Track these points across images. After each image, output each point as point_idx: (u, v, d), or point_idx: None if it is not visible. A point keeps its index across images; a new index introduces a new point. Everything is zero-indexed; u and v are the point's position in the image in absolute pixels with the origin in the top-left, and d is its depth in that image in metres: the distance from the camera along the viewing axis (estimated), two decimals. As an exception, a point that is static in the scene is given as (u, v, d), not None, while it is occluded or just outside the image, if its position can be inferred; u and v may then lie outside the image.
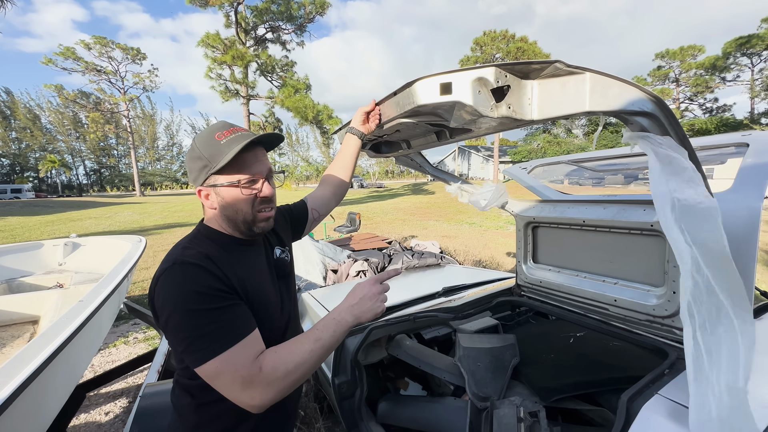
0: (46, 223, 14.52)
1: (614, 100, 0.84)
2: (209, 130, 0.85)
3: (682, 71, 34.51)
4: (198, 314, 0.73)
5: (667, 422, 0.82)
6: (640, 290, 1.42)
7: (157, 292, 0.76)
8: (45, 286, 3.00)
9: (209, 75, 19.68)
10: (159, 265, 0.80)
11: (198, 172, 0.84)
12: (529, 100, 0.86)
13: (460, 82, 0.83)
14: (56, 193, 49.60)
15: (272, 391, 0.73)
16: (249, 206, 0.86)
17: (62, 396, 1.63)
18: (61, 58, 29.88)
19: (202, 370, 0.72)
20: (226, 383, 0.72)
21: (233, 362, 0.72)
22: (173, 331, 0.74)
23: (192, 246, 0.83)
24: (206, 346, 0.72)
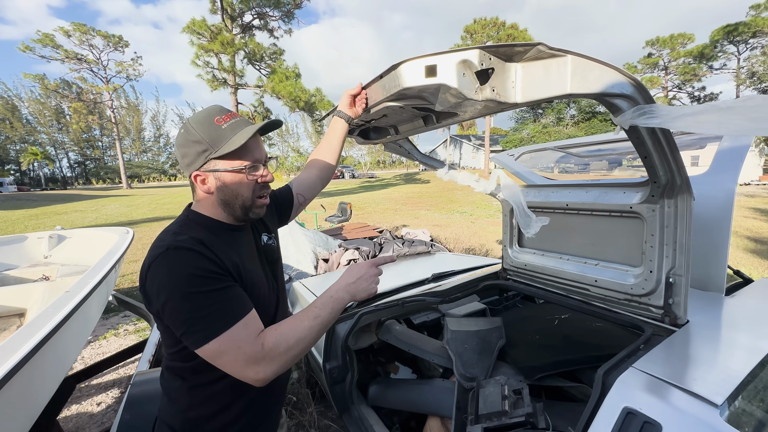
0: (30, 217, 14.19)
1: (595, 83, 0.85)
2: (205, 114, 0.84)
3: (672, 59, 34.76)
4: (196, 296, 0.73)
5: (639, 392, 0.86)
6: (619, 270, 1.47)
7: (150, 278, 0.76)
8: (30, 279, 2.96)
9: (196, 63, 19.17)
10: (149, 252, 0.79)
11: (195, 156, 0.83)
12: (513, 83, 0.87)
13: (445, 65, 0.84)
14: (40, 187, 48.38)
15: (275, 365, 0.76)
16: (250, 192, 0.87)
17: (51, 386, 1.63)
18: (39, 46, 28.77)
19: (205, 350, 0.73)
20: (230, 361, 0.74)
21: (236, 340, 0.74)
22: (171, 315, 0.74)
23: (183, 231, 0.82)
24: (207, 326, 0.73)
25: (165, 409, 0.91)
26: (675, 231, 1.20)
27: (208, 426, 0.87)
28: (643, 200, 1.28)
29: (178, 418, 0.87)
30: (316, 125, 23.57)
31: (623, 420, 0.82)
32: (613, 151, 2.04)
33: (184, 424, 0.86)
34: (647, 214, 1.27)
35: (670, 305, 1.26)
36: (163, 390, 0.92)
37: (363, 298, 0.89)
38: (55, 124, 52.71)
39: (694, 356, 1.03)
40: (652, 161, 1.08)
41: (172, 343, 0.83)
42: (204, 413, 0.86)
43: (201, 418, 0.86)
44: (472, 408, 1.37)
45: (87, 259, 2.87)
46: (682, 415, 0.78)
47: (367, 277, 0.90)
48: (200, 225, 0.87)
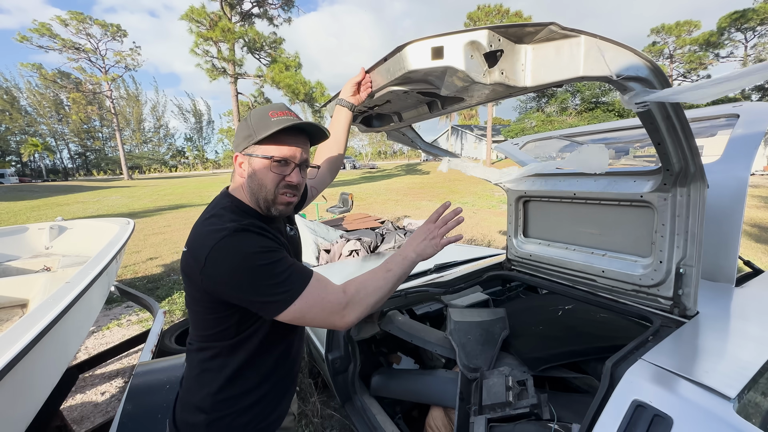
0: (32, 208, 14.21)
1: (610, 65, 0.80)
2: (267, 107, 0.90)
3: (677, 47, 34.17)
4: (270, 266, 0.78)
5: (649, 385, 0.84)
6: (627, 261, 1.44)
7: (214, 261, 0.77)
8: (32, 269, 2.96)
9: (195, 51, 18.93)
10: (203, 236, 0.81)
11: (242, 139, 0.89)
12: (523, 66, 0.83)
13: (452, 46, 0.80)
14: (41, 178, 48.40)
15: (358, 309, 0.84)
16: (273, 185, 0.89)
17: (53, 376, 1.63)
18: (37, 35, 28.46)
19: (292, 310, 0.79)
20: (318, 312, 0.81)
21: (319, 292, 0.81)
22: (249, 290, 0.77)
23: (239, 218, 0.86)
24: (290, 287, 0.79)
25: (193, 392, 0.93)
26: (687, 220, 1.16)
27: (236, 406, 0.91)
28: (655, 189, 1.24)
29: (207, 400, 0.90)
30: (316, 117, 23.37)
31: (633, 413, 0.80)
32: (620, 139, 2.00)
33: (213, 405, 0.90)
34: (658, 203, 1.24)
35: (680, 296, 1.23)
36: (192, 374, 0.94)
37: (430, 255, 0.94)
38: (55, 115, 52.50)
39: (705, 348, 1.01)
40: (666, 148, 1.05)
41: (217, 322, 0.85)
42: (233, 394, 0.90)
43: (230, 399, 0.90)
44: (476, 399, 1.36)
45: (88, 250, 2.87)
46: (694, 409, 0.76)
47: (432, 237, 0.95)
48: (246, 213, 0.90)
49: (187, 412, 0.93)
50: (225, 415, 0.90)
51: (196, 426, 0.90)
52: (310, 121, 0.89)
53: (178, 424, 0.94)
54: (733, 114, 1.46)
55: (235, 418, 0.90)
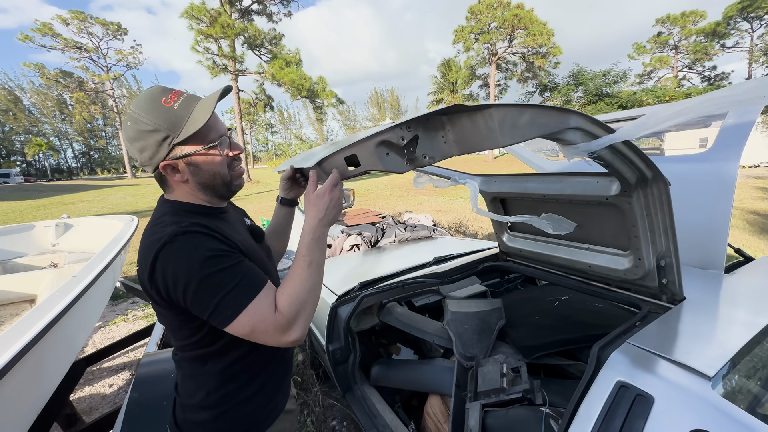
0: (38, 207, 14.37)
1: (529, 129, 0.78)
2: (148, 98, 0.77)
3: (682, 38, 33.74)
4: (217, 275, 0.72)
5: (632, 366, 0.87)
6: (611, 255, 1.47)
7: (161, 268, 0.72)
8: (39, 266, 3.02)
9: (196, 48, 18.95)
10: (146, 243, 0.76)
11: (156, 146, 0.77)
12: (444, 139, 0.81)
13: (364, 153, 0.82)
14: (46, 177, 48.78)
15: (300, 323, 0.76)
16: (225, 167, 0.85)
17: (61, 368, 1.68)
18: (39, 35, 28.56)
19: (235, 326, 0.73)
20: (261, 333, 0.74)
21: (261, 311, 0.74)
22: (195, 299, 0.72)
23: (181, 220, 0.79)
24: (233, 301, 0.72)
25: (192, 394, 0.90)
26: (656, 218, 1.18)
27: (238, 397, 0.90)
28: (617, 193, 1.25)
29: (210, 398, 0.88)
30: (317, 113, 23.35)
31: (616, 393, 0.84)
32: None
33: (217, 400, 0.88)
34: (624, 206, 1.25)
35: (665, 284, 1.26)
36: (187, 379, 0.91)
37: (337, 217, 0.90)
38: (59, 114, 52.75)
39: (689, 331, 1.03)
40: (615, 169, 1.05)
41: (191, 332, 0.82)
42: (234, 387, 0.89)
43: (232, 392, 0.89)
44: (471, 386, 1.40)
45: (93, 246, 2.92)
46: (674, 388, 0.79)
47: (334, 203, 0.89)
48: (191, 212, 0.84)
49: (191, 413, 0.91)
50: (230, 408, 0.89)
51: (203, 423, 0.89)
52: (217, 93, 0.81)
53: (181, 425, 0.92)
54: (726, 104, 1.47)
55: (240, 408, 0.90)
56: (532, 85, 31.43)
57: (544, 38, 25.70)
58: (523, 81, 30.69)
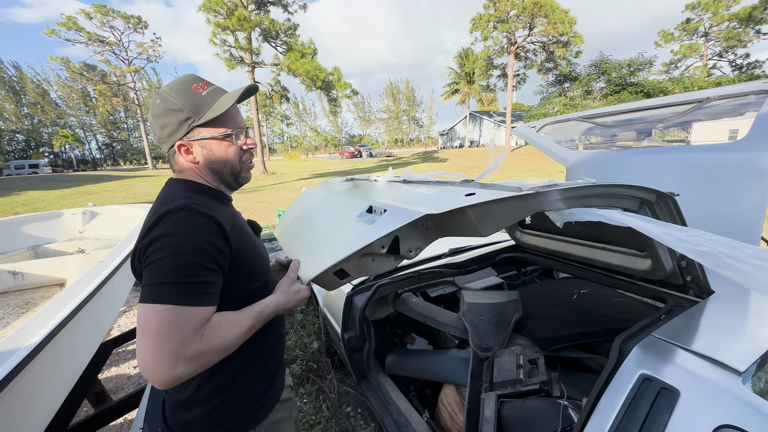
0: (65, 197, 14.94)
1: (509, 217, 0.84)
2: (182, 82, 0.83)
3: (713, 24, 32.04)
4: (189, 263, 0.69)
5: (657, 359, 0.85)
6: (628, 255, 1.43)
7: (155, 228, 0.71)
8: (68, 251, 3.15)
9: (213, 41, 19.14)
10: (152, 212, 0.76)
11: (177, 125, 0.81)
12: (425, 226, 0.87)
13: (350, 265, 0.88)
14: (72, 168, 50.58)
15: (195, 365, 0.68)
16: (237, 158, 0.88)
17: (90, 348, 1.76)
18: (64, 29, 29.35)
19: (150, 308, 0.66)
20: (161, 334, 0.65)
21: (187, 320, 0.67)
22: (153, 267, 0.69)
23: (193, 196, 0.79)
24: (175, 290, 0.67)
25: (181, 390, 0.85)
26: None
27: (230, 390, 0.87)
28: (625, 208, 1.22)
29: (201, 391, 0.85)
30: (332, 104, 23.34)
31: (639, 385, 0.82)
32: (643, 119, 1.93)
33: (209, 393, 0.85)
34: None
35: (689, 281, 1.22)
36: None
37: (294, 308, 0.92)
38: (83, 107, 54.42)
39: (718, 326, 1.00)
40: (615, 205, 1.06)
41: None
42: (225, 377, 0.86)
43: (223, 384, 0.86)
44: (487, 376, 1.39)
45: (117, 234, 3.02)
46: (702, 382, 0.77)
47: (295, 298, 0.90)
48: (202, 191, 0.84)
49: (181, 412, 0.87)
50: (222, 402, 0.86)
51: (195, 421, 0.85)
52: (243, 87, 0.85)
53: (172, 426, 0.88)
54: (763, 90, 1.39)
55: (233, 402, 0.87)
56: (552, 76, 30.54)
57: (565, 26, 24.84)
58: (542, 71, 29.83)
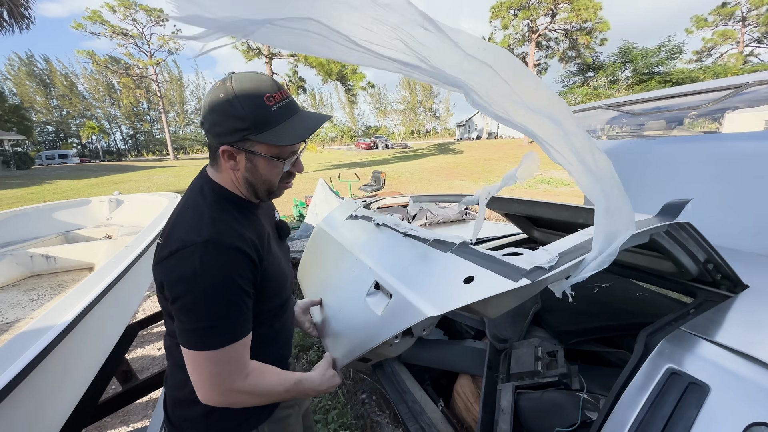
0: (92, 186, 15.54)
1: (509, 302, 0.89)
2: (255, 86, 0.73)
3: (752, 8, 30.16)
4: (221, 303, 0.70)
5: (686, 353, 0.82)
6: (652, 257, 1.38)
7: (175, 264, 0.70)
8: (95, 237, 3.28)
9: (231, 33, 19.33)
10: (176, 229, 0.74)
11: (232, 130, 0.73)
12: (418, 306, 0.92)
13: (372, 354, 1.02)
14: (98, 158, 52.44)
15: (238, 398, 0.76)
16: (278, 179, 0.83)
17: (117, 328, 1.84)
18: (90, 22, 30.18)
19: (196, 354, 0.71)
20: (211, 373, 0.72)
21: (230, 357, 0.73)
22: (184, 311, 0.70)
23: (220, 217, 0.76)
24: (214, 335, 0.71)
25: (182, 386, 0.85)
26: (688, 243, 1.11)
27: None
28: None
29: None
30: (348, 95, 23.29)
31: (666, 380, 0.79)
32: (674, 107, 1.85)
33: None
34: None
35: (719, 279, 1.17)
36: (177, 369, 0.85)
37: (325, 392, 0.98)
38: (108, 99, 56.17)
39: (752, 321, 0.95)
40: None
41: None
42: None
43: None
44: (504, 368, 1.38)
45: (142, 221, 3.12)
46: (734, 378, 0.74)
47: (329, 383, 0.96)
48: (229, 203, 0.81)
49: (181, 408, 0.87)
50: None
51: (194, 419, 0.85)
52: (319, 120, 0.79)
53: (174, 421, 0.88)
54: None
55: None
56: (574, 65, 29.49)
57: (589, 13, 23.88)
58: (565, 60, 28.85)
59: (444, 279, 0.96)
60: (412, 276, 1.06)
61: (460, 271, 0.92)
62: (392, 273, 1.13)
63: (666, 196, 1.84)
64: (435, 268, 1.05)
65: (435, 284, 0.97)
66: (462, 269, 0.92)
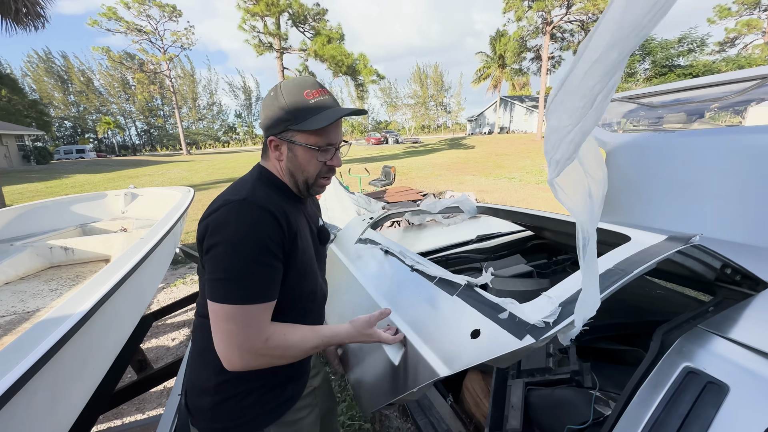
0: (108, 180, 15.90)
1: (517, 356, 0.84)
2: (298, 83, 0.84)
3: (779, -5, 28.85)
4: (248, 259, 0.74)
5: (704, 352, 0.80)
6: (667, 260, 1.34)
7: (215, 217, 0.76)
8: (111, 230, 3.35)
9: (243, 27, 19.41)
10: (220, 197, 0.80)
11: (277, 122, 0.83)
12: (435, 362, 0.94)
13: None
14: (114, 153, 53.57)
15: (261, 361, 0.78)
16: (316, 171, 0.88)
17: (133, 319, 1.88)
18: (105, 19, 30.66)
19: (218, 307, 0.74)
20: (230, 330, 0.74)
21: (249, 318, 0.74)
22: (215, 259, 0.74)
23: (259, 186, 0.83)
24: (237, 289, 0.73)
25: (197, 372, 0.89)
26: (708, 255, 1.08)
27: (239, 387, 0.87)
28: None
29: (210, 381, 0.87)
30: (359, 90, 23.21)
31: (683, 379, 0.77)
32: (695, 99, 1.78)
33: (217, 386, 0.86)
34: None
35: (740, 280, 1.13)
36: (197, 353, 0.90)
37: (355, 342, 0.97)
38: (123, 94, 57.19)
39: (776, 320, 0.92)
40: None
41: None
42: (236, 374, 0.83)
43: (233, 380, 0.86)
44: (514, 364, 1.37)
45: (156, 214, 3.17)
46: (755, 378, 0.71)
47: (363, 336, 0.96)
48: (273, 184, 0.88)
49: (194, 396, 0.89)
50: (228, 398, 0.85)
51: (203, 410, 0.87)
52: (350, 108, 0.85)
53: (189, 406, 0.91)
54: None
55: (239, 400, 0.86)
56: (590, 57, 28.64)
57: (606, 3, 23.22)
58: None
59: (453, 329, 0.98)
60: (423, 323, 1.09)
61: (466, 320, 0.95)
62: (404, 318, 1.15)
63: (686, 191, 1.79)
64: (443, 313, 1.07)
65: (445, 335, 0.99)
66: (468, 319, 0.95)
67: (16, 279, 2.49)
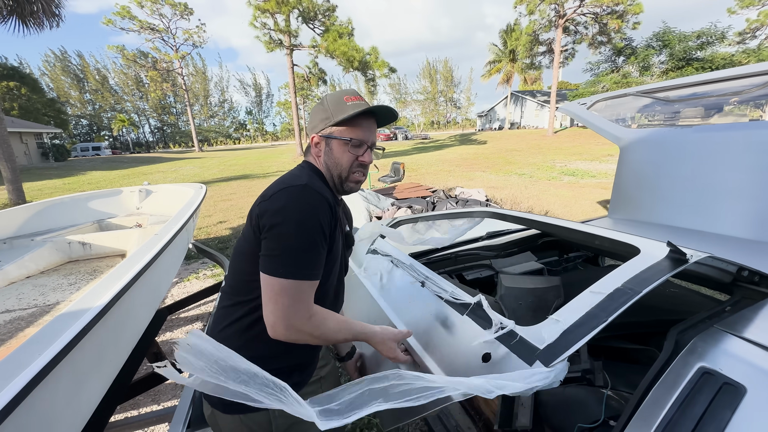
0: (123, 176, 16.23)
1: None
2: (340, 92, 0.97)
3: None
4: (306, 239, 0.81)
5: (721, 352, 0.78)
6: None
7: (277, 198, 0.83)
8: (127, 225, 3.43)
9: (254, 24, 19.50)
10: (277, 183, 0.88)
11: (319, 121, 0.96)
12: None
13: None
14: (128, 150, 54.56)
15: (300, 336, 0.84)
16: (348, 164, 0.96)
17: (148, 312, 1.93)
18: (119, 18, 31.14)
19: (271, 280, 0.80)
20: (279, 303, 0.80)
21: (299, 293, 0.82)
22: (277, 237, 0.81)
23: (314, 178, 0.92)
24: (293, 265, 0.80)
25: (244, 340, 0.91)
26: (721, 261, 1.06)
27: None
28: None
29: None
30: (369, 85, 23.14)
31: (698, 379, 0.76)
32: (711, 93, 1.73)
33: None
34: None
35: (758, 281, 1.10)
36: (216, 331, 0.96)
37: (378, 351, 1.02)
38: (137, 92, 58.18)
39: (798, 321, 0.89)
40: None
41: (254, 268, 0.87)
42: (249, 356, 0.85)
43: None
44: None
45: (170, 210, 3.24)
46: (775, 380, 0.70)
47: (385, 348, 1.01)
48: (322, 180, 0.97)
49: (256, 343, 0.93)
50: None
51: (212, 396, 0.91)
52: (381, 105, 0.95)
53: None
54: None
55: None
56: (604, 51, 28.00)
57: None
58: (593, 46, 27.48)
59: (465, 351, 1.00)
60: (436, 344, 1.10)
61: (477, 341, 0.97)
62: (418, 337, 1.17)
63: (704, 188, 1.75)
64: (455, 333, 1.09)
65: (458, 359, 1.01)
66: (479, 341, 0.97)
67: (37, 273, 2.57)
